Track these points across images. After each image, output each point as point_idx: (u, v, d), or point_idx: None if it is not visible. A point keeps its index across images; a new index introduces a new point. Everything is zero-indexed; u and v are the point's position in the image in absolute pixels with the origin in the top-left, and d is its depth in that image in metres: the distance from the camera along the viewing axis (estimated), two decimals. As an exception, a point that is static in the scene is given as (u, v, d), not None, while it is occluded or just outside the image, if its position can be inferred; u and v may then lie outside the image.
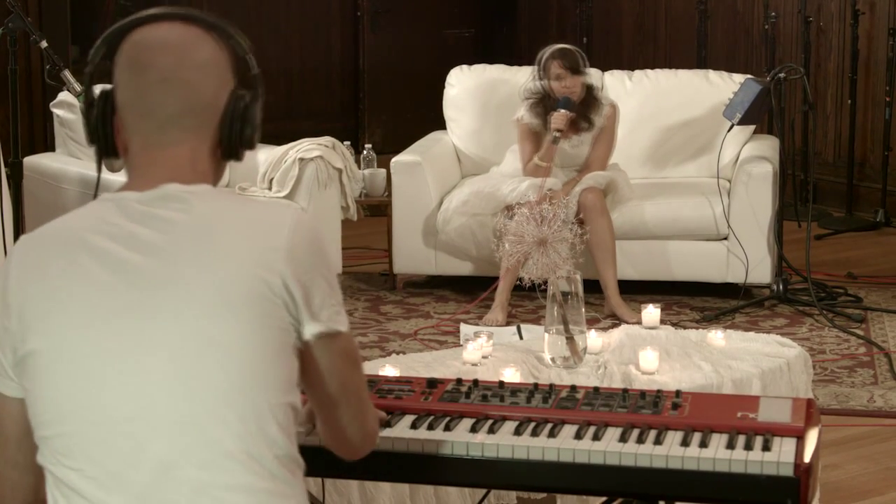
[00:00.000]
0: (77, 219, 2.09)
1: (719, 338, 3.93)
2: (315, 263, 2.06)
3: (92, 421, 1.98)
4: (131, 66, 2.09)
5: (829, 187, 8.47)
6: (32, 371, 2.02)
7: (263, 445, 2.00)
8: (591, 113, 6.39)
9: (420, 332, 6.01)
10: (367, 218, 7.02)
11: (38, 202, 5.81)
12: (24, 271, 2.05)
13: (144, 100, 2.08)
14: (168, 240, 2.00)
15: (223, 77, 2.11)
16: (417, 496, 3.38)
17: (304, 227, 2.06)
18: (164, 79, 2.06)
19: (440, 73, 7.33)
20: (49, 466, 2.03)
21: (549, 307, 3.78)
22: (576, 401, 2.68)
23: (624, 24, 9.75)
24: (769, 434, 2.50)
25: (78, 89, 4.32)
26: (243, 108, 2.12)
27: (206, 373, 1.97)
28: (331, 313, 2.07)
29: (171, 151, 2.08)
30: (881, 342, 5.79)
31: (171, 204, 2.03)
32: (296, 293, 2.02)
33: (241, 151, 2.14)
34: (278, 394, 2.02)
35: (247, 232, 2.03)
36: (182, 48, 2.08)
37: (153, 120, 2.07)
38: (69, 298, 2.00)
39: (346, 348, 2.12)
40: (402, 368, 3.51)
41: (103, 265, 2.00)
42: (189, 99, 2.07)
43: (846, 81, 8.28)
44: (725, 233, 6.41)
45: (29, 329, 2.01)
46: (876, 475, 4.41)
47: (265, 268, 2.00)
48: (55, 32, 8.35)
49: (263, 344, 2.00)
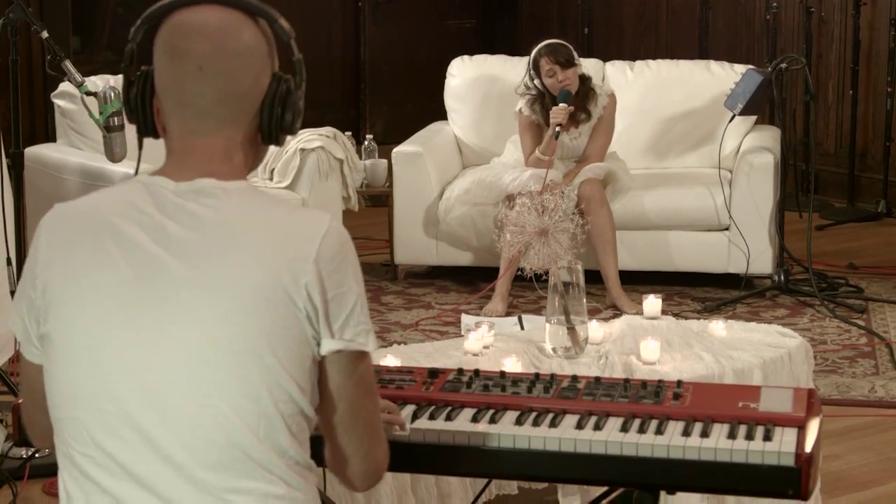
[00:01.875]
0: (110, 200, 2.05)
1: (720, 328, 3.92)
2: (344, 278, 2.02)
3: (104, 411, 1.98)
4: (168, 51, 2.04)
5: (831, 178, 8.47)
6: (50, 351, 2.03)
7: (274, 453, 1.98)
8: (588, 104, 6.38)
9: (421, 323, 6.01)
10: (368, 208, 7.02)
11: (39, 192, 5.80)
12: (52, 248, 2.03)
13: (181, 88, 2.04)
14: (196, 238, 1.98)
15: (263, 63, 2.07)
16: (419, 486, 3.38)
17: (336, 239, 2.02)
18: (200, 67, 2.02)
19: (441, 64, 7.33)
20: (61, 447, 2.04)
21: (551, 297, 3.77)
22: (577, 391, 2.68)
23: (625, 15, 9.74)
24: (770, 424, 2.50)
25: (79, 79, 4.31)
26: (284, 92, 2.08)
27: (219, 379, 1.95)
28: (356, 332, 2.02)
29: (207, 141, 2.05)
30: (882, 332, 5.79)
31: (204, 200, 2.00)
32: (319, 306, 1.98)
33: (281, 137, 2.10)
34: (291, 405, 1.99)
35: (276, 238, 1.99)
36: (220, 34, 2.03)
37: (189, 109, 2.04)
38: (91, 286, 1.99)
39: (363, 373, 2.06)
40: (404, 358, 3.50)
41: (128, 257, 1.98)
42: (225, 89, 2.03)
43: (848, 72, 8.27)
44: (727, 223, 6.41)
45: (50, 309, 2.02)
46: (877, 465, 4.41)
47: (291, 277, 1.97)
48: (56, 23, 8.35)
49: (281, 355, 1.97)
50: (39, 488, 4.17)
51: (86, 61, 8.53)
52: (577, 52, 6.38)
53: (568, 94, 6.23)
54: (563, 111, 6.19)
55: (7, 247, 4.44)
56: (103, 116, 4.27)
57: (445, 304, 6.32)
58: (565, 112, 6.19)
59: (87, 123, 5.47)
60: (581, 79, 6.37)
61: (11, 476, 4.09)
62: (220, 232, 1.99)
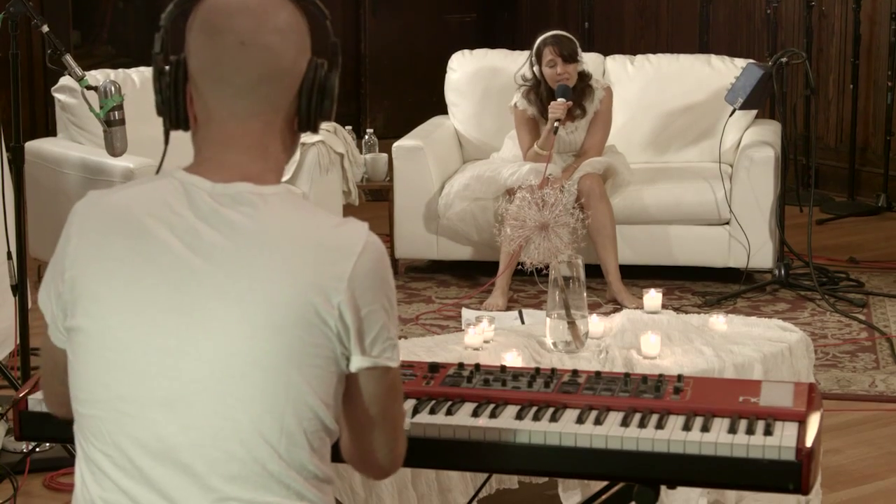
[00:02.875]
0: (144, 197, 2.02)
1: (721, 322, 3.93)
2: (376, 297, 1.99)
3: (125, 412, 1.97)
4: (207, 29, 2.01)
5: (831, 172, 8.46)
6: (76, 346, 2.02)
7: (294, 470, 1.98)
8: (584, 100, 6.38)
9: (422, 317, 6.01)
10: (369, 203, 7.02)
11: (39, 187, 5.80)
12: (83, 244, 2.01)
13: (220, 65, 2.00)
14: (229, 246, 1.95)
15: (302, 44, 2.05)
16: (419, 480, 3.39)
17: (372, 257, 1.99)
18: (242, 42, 1.99)
19: (442, 58, 7.33)
20: (81, 441, 2.04)
21: (551, 292, 3.78)
22: (577, 385, 2.68)
23: (626, 9, 9.74)
24: (771, 418, 2.50)
25: (79, 74, 4.31)
26: (323, 77, 2.06)
27: (243, 393, 1.94)
28: (383, 348, 2.01)
29: (245, 126, 2.01)
30: (883, 327, 5.79)
31: (240, 207, 1.97)
32: (351, 326, 1.97)
33: (318, 123, 2.07)
34: (315, 422, 1.98)
35: (312, 254, 1.96)
36: (261, 11, 2.00)
37: (229, 87, 2.00)
38: (121, 287, 1.97)
39: (392, 383, 2.06)
40: (404, 353, 3.49)
41: (160, 261, 1.96)
42: (268, 64, 2.00)
43: (848, 66, 8.27)
44: (727, 217, 6.41)
45: (78, 304, 2.00)
46: (877, 460, 4.41)
47: (323, 296, 1.94)
48: (56, 17, 8.35)
49: (307, 373, 1.95)
50: (40, 482, 4.17)
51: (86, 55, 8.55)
52: (579, 47, 6.38)
53: (567, 90, 6.23)
54: (562, 106, 6.19)
55: (7, 241, 4.44)
56: (104, 111, 4.27)
57: (446, 298, 6.32)
58: (564, 107, 6.19)
59: (88, 118, 5.48)
60: (580, 75, 6.36)
61: (12, 470, 4.09)
62: (255, 243, 1.96)
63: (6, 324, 4.75)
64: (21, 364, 4.43)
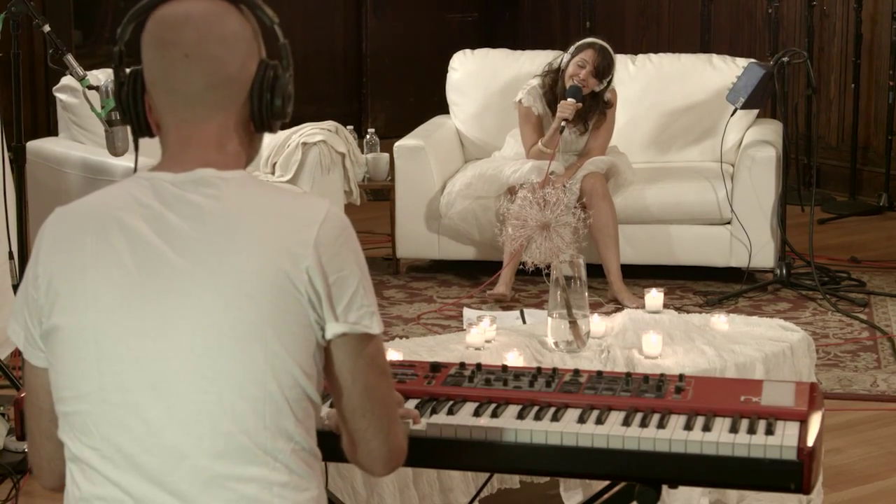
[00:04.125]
0: (111, 196, 2.07)
1: (722, 322, 3.93)
2: (345, 262, 2.03)
3: (110, 402, 2.00)
4: (156, 43, 2.06)
5: (833, 171, 8.46)
6: (55, 346, 2.04)
7: (280, 440, 1.99)
8: (589, 117, 6.38)
9: (423, 317, 6.01)
10: (370, 202, 7.02)
11: (40, 186, 5.81)
12: (55, 244, 2.05)
13: (170, 77, 2.05)
14: (197, 227, 2.00)
15: (249, 49, 2.08)
16: (420, 480, 3.39)
17: (336, 224, 2.04)
18: (186, 55, 2.04)
19: (443, 58, 7.33)
20: (68, 442, 2.05)
21: (553, 291, 3.78)
22: (579, 385, 2.68)
23: (627, 8, 9.73)
24: (772, 418, 2.50)
25: (81, 73, 4.31)
26: (272, 77, 2.09)
27: (223, 365, 1.97)
28: (360, 315, 2.03)
29: (200, 130, 2.07)
30: (884, 326, 5.79)
31: (203, 189, 2.02)
32: (321, 290, 1.99)
33: (273, 123, 2.12)
34: (297, 390, 2.00)
35: (276, 224, 2.01)
36: (205, 22, 2.05)
37: (179, 97, 2.06)
38: (97, 279, 2.00)
39: (373, 354, 2.07)
40: (406, 353, 3.51)
41: (132, 249, 2.00)
42: (213, 74, 2.05)
43: (849, 65, 8.27)
44: (729, 217, 6.41)
45: (55, 303, 2.03)
46: (879, 459, 4.41)
47: (291, 262, 1.98)
48: (58, 17, 8.35)
49: (284, 339, 1.98)
50: (41, 482, 4.17)
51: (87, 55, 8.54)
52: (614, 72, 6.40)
53: (578, 91, 6.23)
54: (572, 106, 6.20)
55: (9, 241, 4.44)
56: (105, 110, 4.27)
57: (447, 297, 6.32)
58: (573, 108, 6.19)
59: (89, 117, 5.48)
60: (595, 95, 6.35)
61: (13, 470, 4.10)
62: (220, 221, 2.00)
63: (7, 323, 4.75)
64: (23, 364, 4.42)
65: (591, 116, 6.39)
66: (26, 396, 2.17)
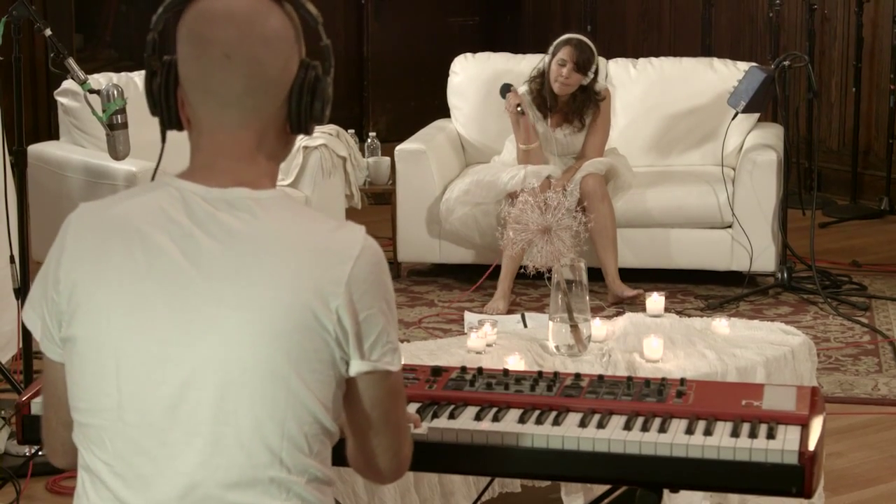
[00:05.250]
0: (140, 205, 2.00)
1: (724, 326, 3.93)
2: (375, 300, 1.98)
3: (127, 422, 1.97)
4: (192, 39, 1.98)
5: (834, 175, 8.46)
6: (74, 356, 2.00)
7: (294, 473, 1.97)
8: (584, 111, 6.39)
9: (424, 320, 6.01)
10: (372, 206, 7.03)
11: (42, 190, 5.80)
12: (79, 252, 1.99)
13: (207, 77, 1.97)
14: (227, 252, 1.94)
15: (291, 50, 2.00)
16: (422, 484, 3.39)
17: (370, 260, 1.97)
18: (226, 55, 1.95)
19: (444, 62, 7.33)
20: (81, 450, 2.03)
21: (553, 295, 3.78)
22: (580, 389, 2.68)
23: (628, 12, 9.74)
24: (773, 422, 2.50)
25: (82, 77, 4.31)
26: (313, 79, 2.01)
27: (244, 401, 1.93)
28: (382, 352, 1.99)
29: (234, 136, 1.99)
30: (886, 330, 5.79)
31: (237, 213, 1.96)
32: (349, 329, 1.95)
33: (310, 126, 2.04)
34: (316, 426, 1.97)
35: (309, 259, 1.94)
36: (247, 20, 1.96)
37: (215, 98, 1.98)
38: (120, 296, 1.96)
39: (393, 385, 2.05)
40: (407, 356, 3.51)
41: (157, 268, 1.95)
42: (254, 76, 1.97)
43: (850, 69, 8.27)
44: (730, 221, 6.41)
45: (76, 313, 1.98)
46: (880, 463, 4.41)
47: (321, 301, 1.93)
48: (59, 20, 8.35)
49: (307, 378, 1.94)
50: (42, 486, 4.17)
51: (89, 59, 8.55)
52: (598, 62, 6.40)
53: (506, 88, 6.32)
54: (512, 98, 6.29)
55: (10, 244, 4.44)
56: (106, 114, 4.27)
57: (448, 301, 6.32)
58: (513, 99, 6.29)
59: (90, 121, 5.47)
60: (583, 88, 6.36)
61: (15, 474, 4.09)
62: (252, 249, 1.94)
63: (9, 327, 4.76)
64: (24, 367, 4.43)
65: (587, 111, 6.39)
66: (44, 386, 2.13)
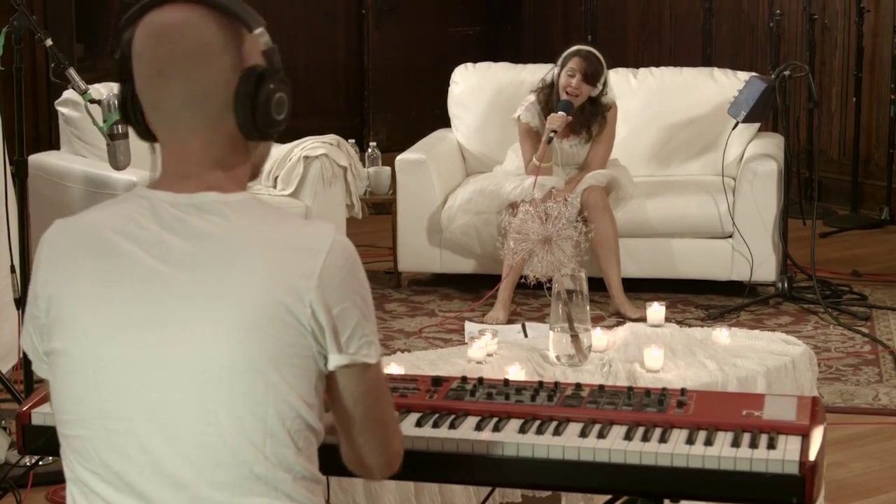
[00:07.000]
0: (109, 215, 2.02)
1: (724, 336, 3.93)
2: (348, 293, 1.99)
3: (110, 430, 1.98)
4: (136, 56, 2.00)
5: (834, 185, 8.46)
6: (56, 368, 2.02)
7: (281, 470, 1.98)
8: (592, 123, 6.39)
9: (425, 330, 6.01)
10: (372, 216, 7.03)
11: (42, 200, 5.81)
12: (53, 266, 2.01)
13: (149, 92, 2.00)
14: (198, 254, 1.95)
15: (228, 60, 1.98)
16: (422, 494, 3.38)
17: (341, 254, 1.99)
18: (159, 71, 1.97)
19: (445, 71, 7.34)
20: (68, 463, 2.04)
21: (554, 305, 3.78)
22: (581, 399, 2.68)
23: (629, 22, 9.75)
24: (774, 432, 2.50)
25: (83, 87, 4.31)
26: (253, 86, 1.98)
27: (223, 398, 1.94)
28: (360, 345, 2.01)
29: (186, 147, 2.00)
30: (886, 340, 5.79)
31: (206, 216, 1.97)
32: (325, 324, 1.97)
33: (265, 132, 2.02)
34: (298, 421, 1.98)
35: (280, 255, 1.96)
36: (178, 35, 1.96)
37: (160, 113, 2.00)
38: (95, 305, 1.97)
39: (373, 379, 2.06)
40: (407, 366, 3.51)
41: (130, 275, 1.96)
42: (187, 91, 1.97)
43: (851, 79, 8.27)
44: (730, 231, 6.41)
45: (54, 326, 2.00)
46: (881, 473, 4.41)
47: (295, 296, 1.94)
48: (60, 30, 8.36)
49: (285, 372, 1.95)
50: (43, 496, 4.17)
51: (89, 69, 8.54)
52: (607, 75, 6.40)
53: (569, 105, 6.24)
54: (560, 119, 6.20)
55: (11, 254, 4.45)
56: (107, 124, 4.27)
57: (449, 311, 6.32)
58: (562, 121, 6.20)
59: (91, 131, 5.47)
60: (592, 100, 6.36)
61: (15, 484, 4.09)
62: (223, 249, 1.96)
63: (9, 337, 4.76)
64: (24, 377, 4.43)
65: (594, 123, 6.40)
66: (49, 400, 2.14)
